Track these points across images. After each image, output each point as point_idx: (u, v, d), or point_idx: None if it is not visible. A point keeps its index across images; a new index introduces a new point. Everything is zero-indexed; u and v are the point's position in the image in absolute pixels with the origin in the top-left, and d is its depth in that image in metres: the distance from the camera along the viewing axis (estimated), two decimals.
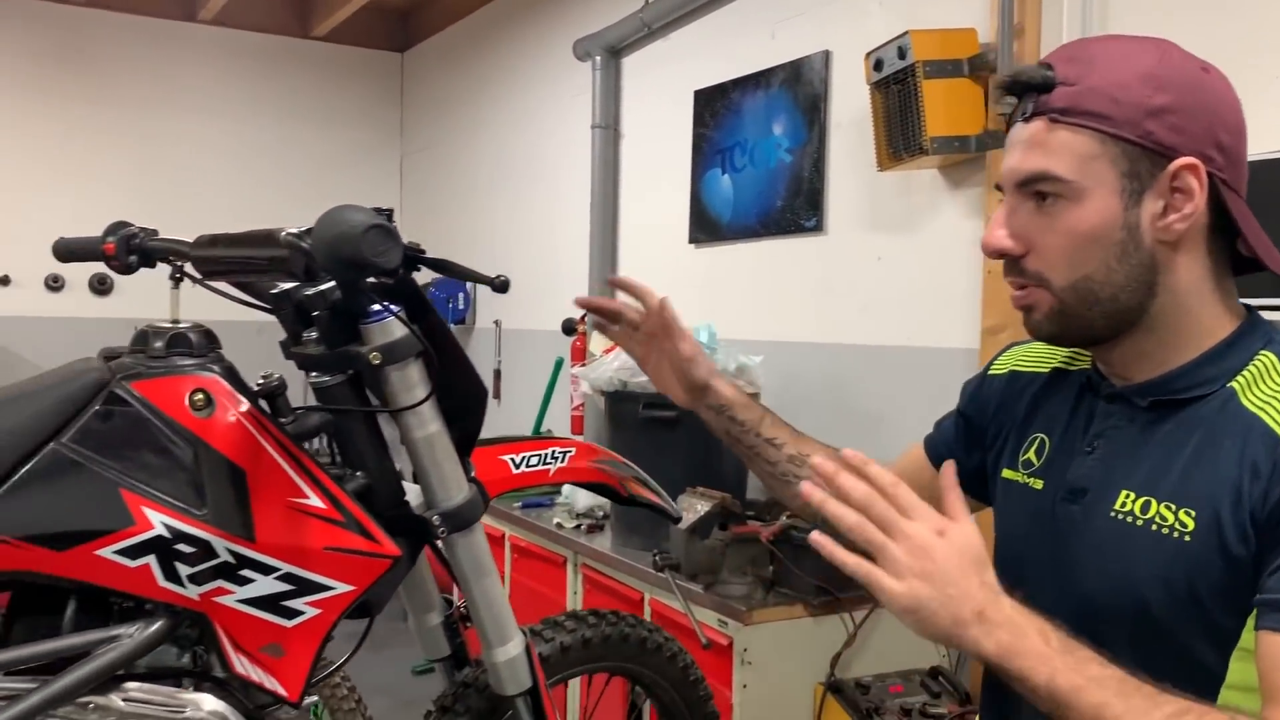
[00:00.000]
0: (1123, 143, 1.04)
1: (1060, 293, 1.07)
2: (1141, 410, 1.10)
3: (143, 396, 1.17)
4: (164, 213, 5.41)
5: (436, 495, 1.34)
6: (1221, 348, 1.08)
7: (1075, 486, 1.13)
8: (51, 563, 1.13)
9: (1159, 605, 1.03)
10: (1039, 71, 1.07)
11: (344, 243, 1.07)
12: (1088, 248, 1.05)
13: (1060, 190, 1.05)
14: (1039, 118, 1.06)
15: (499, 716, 1.47)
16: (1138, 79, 1.05)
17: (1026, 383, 1.28)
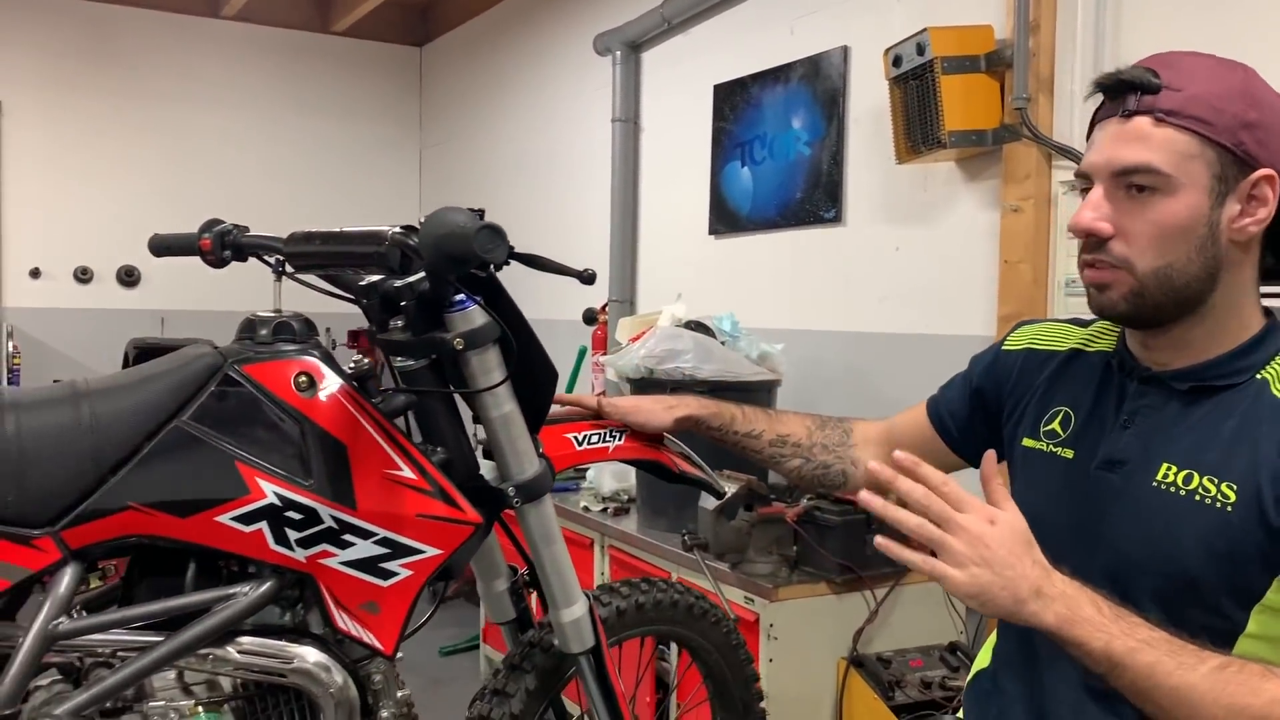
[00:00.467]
0: (1218, 148, 1.15)
1: (1142, 276, 1.17)
2: (1178, 393, 1.22)
3: (253, 378, 1.29)
4: (190, 206, 5.56)
5: (511, 469, 1.46)
6: (1253, 342, 1.20)
7: (1113, 458, 1.24)
8: (176, 528, 1.25)
9: (1198, 568, 1.14)
10: (1145, 74, 1.17)
11: (453, 240, 1.19)
12: (1175, 238, 1.16)
13: (1157, 183, 1.16)
14: (1143, 115, 1.16)
15: (563, 674, 1.60)
16: (1235, 94, 1.17)
17: (1044, 359, 1.40)
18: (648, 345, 3.17)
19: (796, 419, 1.64)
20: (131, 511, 1.24)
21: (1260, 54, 2.30)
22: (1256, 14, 2.35)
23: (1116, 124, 1.18)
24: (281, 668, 1.31)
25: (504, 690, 1.55)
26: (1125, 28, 2.63)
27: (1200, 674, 1.04)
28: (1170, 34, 2.51)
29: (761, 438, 1.60)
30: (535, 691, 1.56)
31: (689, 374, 3.06)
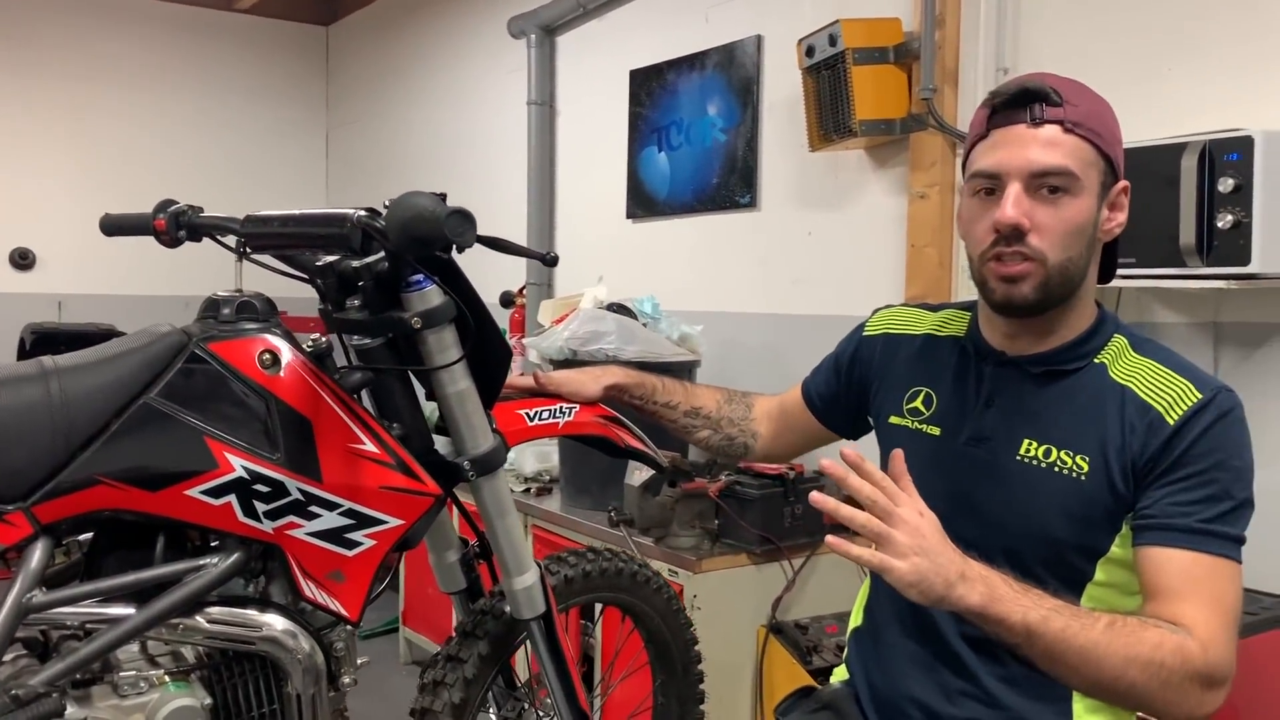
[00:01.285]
0: (1105, 158, 1.33)
1: (1050, 268, 1.31)
2: (1031, 375, 1.38)
3: (219, 356, 1.33)
4: (87, 186, 5.43)
5: (466, 444, 1.51)
6: (1090, 331, 1.39)
7: (979, 435, 1.40)
8: (146, 502, 1.28)
9: (1056, 529, 1.32)
10: (1048, 87, 1.31)
11: (421, 223, 1.24)
12: (1077, 235, 1.31)
13: (1069, 185, 1.30)
14: (1052, 124, 1.30)
15: (513, 639, 1.66)
16: (1109, 115, 1.36)
17: (901, 342, 1.57)
18: (571, 327, 3.24)
19: (708, 393, 1.78)
20: (102, 486, 1.26)
21: (1148, 49, 2.47)
22: (1145, 11, 2.51)
23: (1026, 130, 1.31)
24: (250, 635, 1.35)
25: (457, 656, 1.61)
26: (1025, 23, 2.77)
27: (1099, 631, 1.18)
28: (1068, 30, 2.67)
29: (677, 409, 1.74)
30: (488, 657, 1.62)
31: (612, 355, 3.14)
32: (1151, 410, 1.30)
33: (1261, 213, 2.01)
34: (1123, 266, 2.20)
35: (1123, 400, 1.32)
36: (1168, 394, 1.31)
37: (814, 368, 1.76)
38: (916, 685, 1.43)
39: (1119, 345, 1.38)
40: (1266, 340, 2.31)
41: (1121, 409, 1.31)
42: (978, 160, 1.35)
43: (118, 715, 1.31)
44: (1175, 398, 1.30)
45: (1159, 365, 1.35)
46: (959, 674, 1.39)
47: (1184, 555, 1.25)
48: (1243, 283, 2.11)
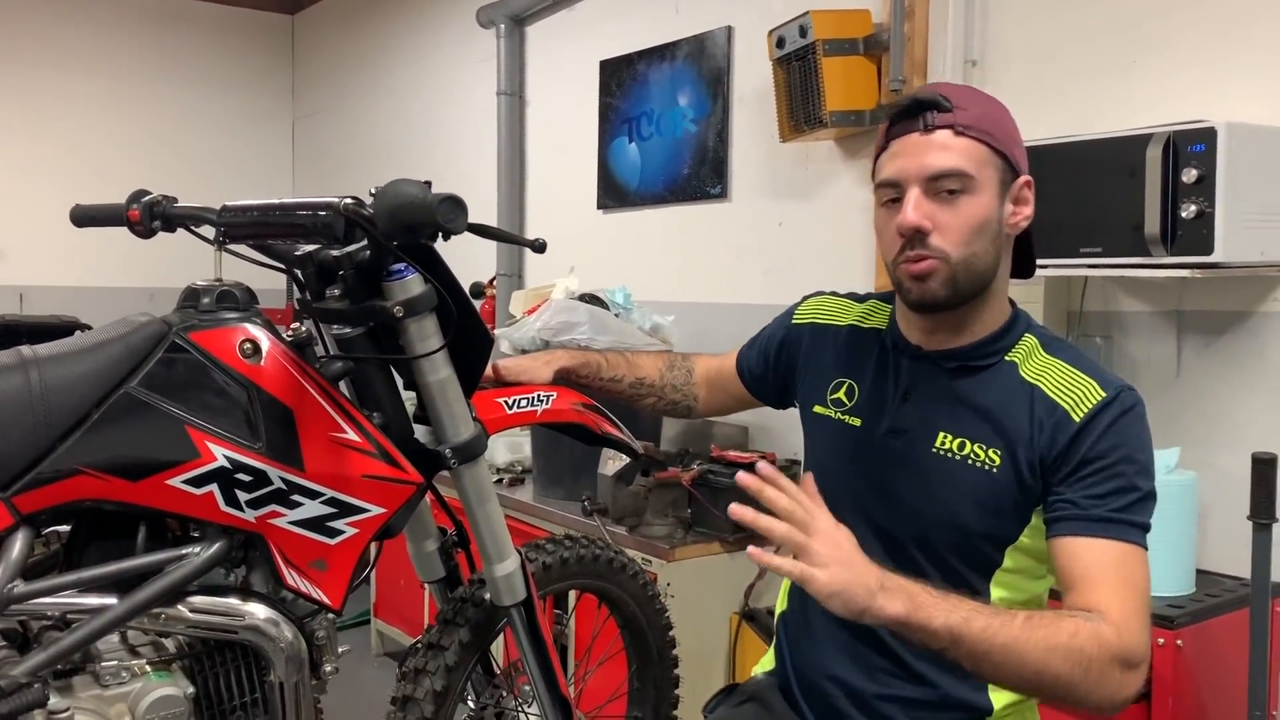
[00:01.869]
0: (1000, 156, 1.38)
1: (954, 265, 1.37)
2: (946, 370, 1.44)
3: (199, 345, 1.32)
4: (49, 176, 5.35)
5: (447, 432, 1.52)
6: (1003, 329, 1.44)
7: (897, 427, 1.45)
8: (128, 491, 1.28)
9: (968, 518, 1.38)
10: (938, 96, 1.37)
11: (411, 210, 1.24)
12: (979, 231, 1.37)
13: (965, 185, 1.35)
14: (943, 129, 1.36)
15: (493, 626, 1.67)
16: (1003, 116, 1.42)
17: (827, 332, 1.62)
18: (543, 317, 3.24)
19: (650, 362, 1.85)
20: (83, 476, 1.26)
21: (1114, 39, 2.51)
22: (1116, 2, 2.55)
23: (919, 137, 1.37)
24: (233, 624, 1.35)
25: (438, 643, 1.62)
26: (993, 15, 2.81)
27: (1018, 627, 1.20)
28: (1035, 22, 2.71)
29: (622, 381, 1.80)
30: (468, 644, 1.63)
31: (584, 345, 3.14)
32: (1059, 409, 1.35)
33: (1224, 203, 2.05)
34: (1088, 256, 2.26)
35: (1032, 398, 1.38)
36: (1074, 393, 1.36)
37: (750, 338, 1.81)
38: (839, 665, 1.48)
39: (1030, 344, 1.44)
40: (1228, 328, 2.36)
41: (1031, 406, 1.37)
42: (880, 171, 1.42)
43: (100, 705, 1.30)
44: (1081, 396, 1.36)
45: (1066, 365, 1.40)
46: (880, 653, 1.45)
47: (1095, 543, 1.29)
48: (1206, 272, 2.15)
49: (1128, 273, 2.27)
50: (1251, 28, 2.30)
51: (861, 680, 1.45)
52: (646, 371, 1.83)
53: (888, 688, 1.44)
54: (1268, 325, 2.30)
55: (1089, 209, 2.25)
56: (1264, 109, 2.26)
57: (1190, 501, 2.22)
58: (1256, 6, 2.29)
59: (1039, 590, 1.44)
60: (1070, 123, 2.55)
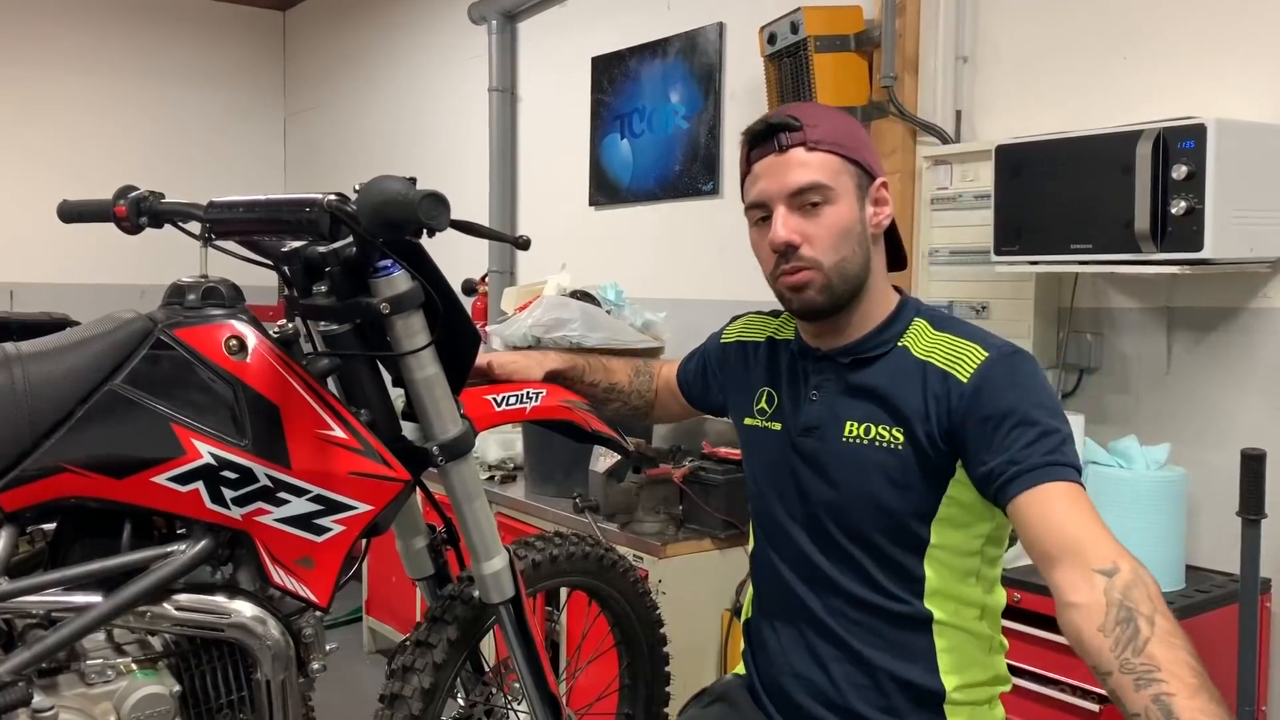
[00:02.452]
0: (854, 163, 1.47)
1: (828, 271, 1.45)
2: (844, 366, 1.52)
3: (184, 342, 1.32)
4: (39, 173, 5.33)
5: (434, 429, 1.52)
6: (890, 319, 1.52)
7: (809, 425, 1.53)
8: (112, 489, 1.27)
9: (888, 496, 1.45)
10: (786, 117, 1.47)
11: (395, 206, 1.24)
12: (845, 236, 1.45)
13: (825, 195, 1.44)
14: (796, 147, 1.45)
15: (482, 624, 1.67)
16: (852, 127, 1.52)
17: (750, 349, 1.70)
18: (535, 314, 3.24)
19: (621, 367, 1.93)
20: (67, 474, 1.25)
21: (1103, 37, 2.51)
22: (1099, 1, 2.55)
23: (776, 158, 1.47)
24: (219, 622, 1.35)
25: (427, 641, 1.61)
26: (984, 11, 2.81)
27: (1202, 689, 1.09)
28: (1026, 18, 2.71)
29: (598, 385, 1.88)
30: (456, 641, 1.62)
31: (576, 342, 3.14)
32: (948, 375, 1.42)
33: (1214, 199, 2.05)
34: (1079, 252, 2.26)
35: (924, 374, 1.45)
36: (959, 358, 1.43)
37: (689, 352, 1.90)
38: (797, 661, 1.54)
39: (919, 327, 1.51)
40: (1218, 325, 2.36)
41: (924, 382, 1.44)
42: (748, 194, 1.51)
43: (85, 704, 1.30)
44: (965, 359, 1.42)
45: (954, 337, 1.47)
46: (828, 641, 1.51)
47: (1049, 489, 1.29)
48: (1195, 268, 2.15)
49: (1118, 269, 2.27)
50: (1241, 24, 2.30)
51: (818, 674, 1.51)
52: (618, 377, 1.91)
53: (842, 677, 1.49)
54: (1257, 322, 2.30)
55: (1079, 205, 2.25)
56: (1254, 105, 2.27)
57: (1180, 497, 2.22)
58: (1245, 2, 2.30)
59: (971, 565, 1.49)
60: (1061, 119, 2.56)
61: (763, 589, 1.63)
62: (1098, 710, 2.05)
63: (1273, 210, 2.20)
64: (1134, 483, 2.20)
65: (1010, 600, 2.20)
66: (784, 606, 1.56)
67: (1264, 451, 1.93)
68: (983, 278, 2.65)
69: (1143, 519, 2.17)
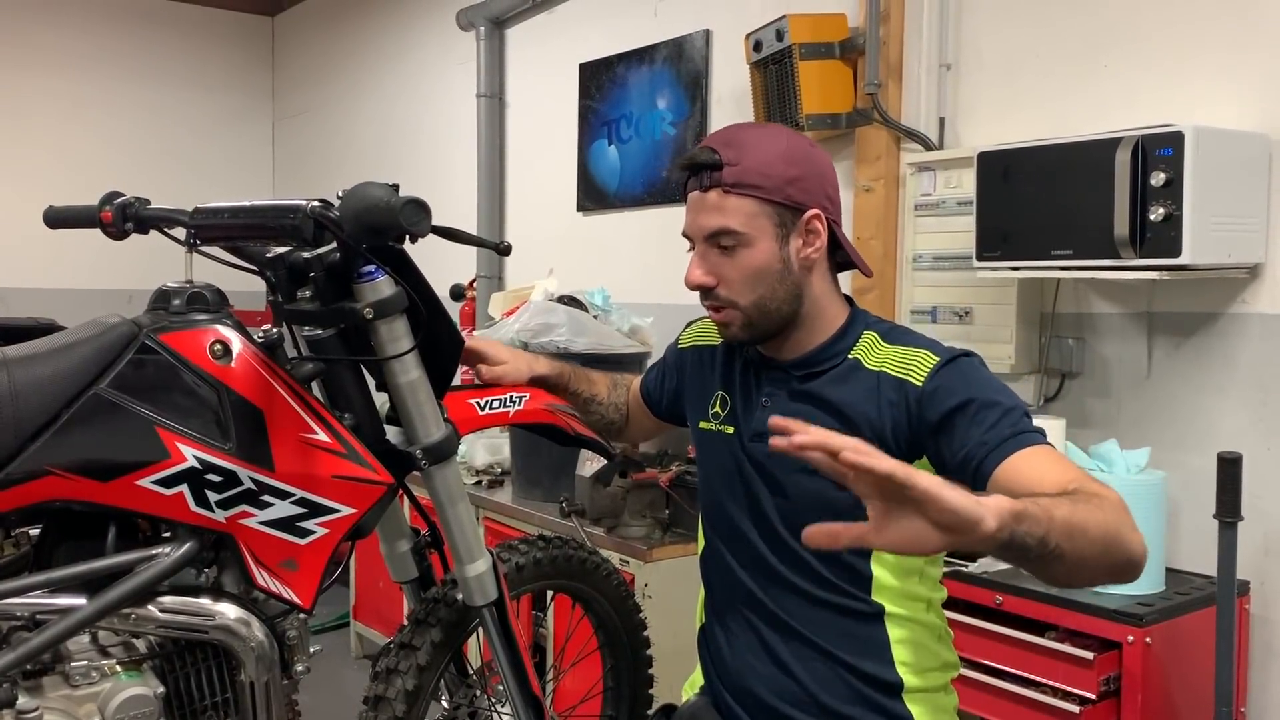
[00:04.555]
0: (773, 204, 1.46)
1: (746, 310, 1.49)
2: (796, 377, 1.54)
3: (169, 346, 1.33)
4: (27, 177, 5.33)
5: (418, 433, 1.53)
6: (841, 332, 1.55)
7: (760, 431, 1.54)
8: (97, 492, 1.28)
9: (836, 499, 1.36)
10: (710, 155, 1.47)
11: (376, 213, 1.25)
12: (760, 277, 1.47)
13: (737, 240, 1.46)
14: (715, 189, 1.46)
15: (465, 627, 1.68)
16: (778, 158, 1.48)
17: (705, 353, 1.72)
18: (522, 319, 3.25)
19: (602, 381, 1.94)
20: (52, 477, 1.26)
21: (1086, 47, 2.54)
22: (1082, 11, 2.58)
23: (698, 195, 1.49)
24: (203, 624, 1.36)
25: (410, 644, 1.62)
26: (967, 19, 2.83)
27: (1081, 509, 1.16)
28: (1009, 26, 2.73)
29: (580, 395, 1.89)
30: (440, 644, 1.63)
31: (563, 347, 3.16)
32: (904, 383, 1.45)
33: (1191, 205, 2.08)
34: (1059, 258, 2.29)
35: (878, 384, 1.48)
36: (912, 365, 1.46)
37: (649, 367, 1.92)
38: (758, 663, 1.56)
39: (870, 340, 1.53)
40: (1197, 329, 2.39)
41: (878, 391, 1.47)
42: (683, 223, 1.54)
43: (69, 705, 1.30)
44: (918, 365, 1.46)
45: (906, 347, 1.49)
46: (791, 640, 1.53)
47: (1025, 455, 1.32)
48: (1174, 273, 2.18)
49: (1098, 275, 2.30)
50: (1219, 33, 2.33)
51: (780, 672, 1.54)
52: (599, 390, 1.92)
53: (805, 672, 1.52)
54: (1235, 326, 2.33)
55: (1060, 211, 2.28)
56: (1231, 113, 2.29)
57: (1160, 500, 2.24)
58: (1223, 12, 2.32)
59: (917, 563, 1.53)
60: (1042, 126, 2.58)
61: (718, 591, 1.66)
62: (1078, 711, 2.07)
63: (1250, 216, 2.23)
64: (1114, 486, 2.21)
65: (993, 603, 2.23)
66: (741, 607, 1.59)
67: (1240, 455, 1.95)
68: (966, 283, 2.67)
69: None
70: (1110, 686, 2.08)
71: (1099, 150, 2.19)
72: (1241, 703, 2.25)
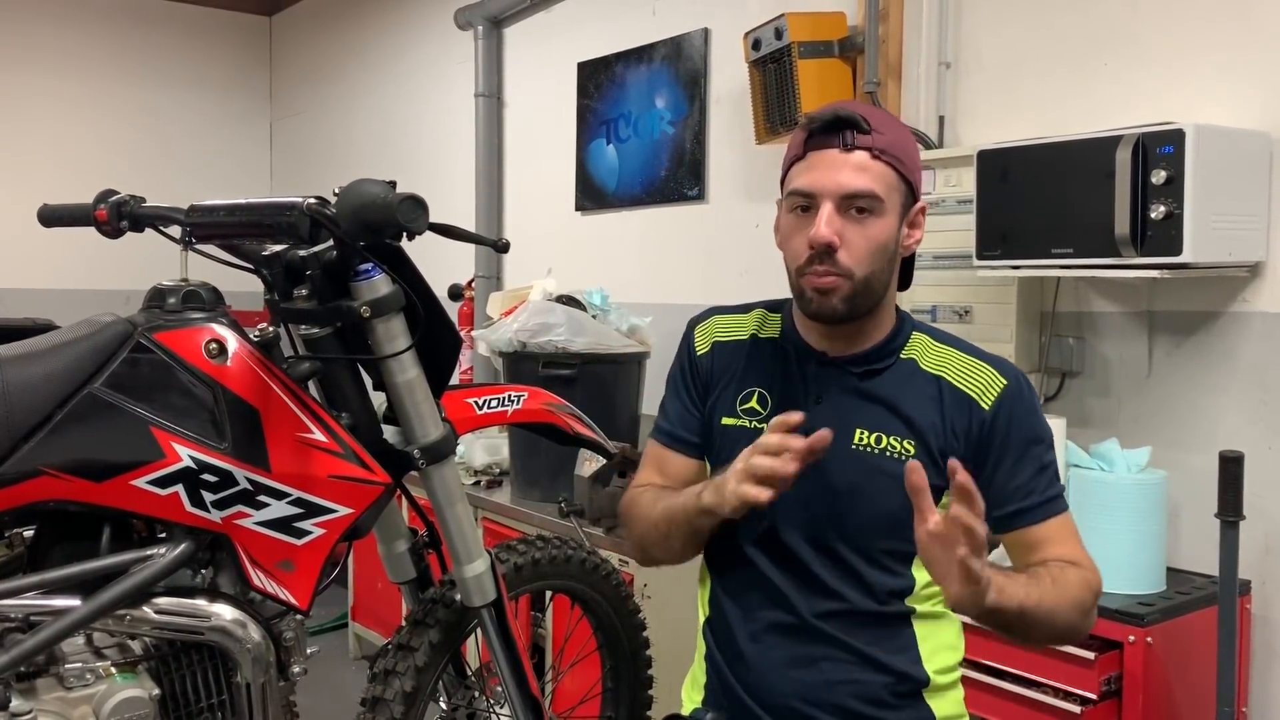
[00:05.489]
0: (906, 183, 1.45)
1: (857, 282, 1.43)
2: (852, 374, 1.50)
3: (164, 345, 1.32)
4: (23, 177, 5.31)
5: (415, 432, 1.52)
6: (894, 332, 1.52)
7: (814, 429, 1.41)
8: (91, 492, 1.27)
9: (897, 507, 1.37)
10: (859, 115, 1.43)
11: (373, 210, 1.25)
12: (881, 251, 1.43)
13: (874, 207, 1.42)
14: (862, 151, 1.41)
15: (464, 627, 1.67)
16: (911, 144, 1.49)
17: (732, 347, 1.61)
18: (520, 319, 3.24)
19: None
20: (46, 477, 1.25)
21: (1086, 45, 2.53)
22: (1083, 10, 2.57)
23: (839, 154, 1.42)
24: (198, 626, 1.35)
25: (408, 644, 1.61)
26: (967, 17, 2.82)
27: (1050, 590, 1.35)
28: (1008, 25, 2.72)
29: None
30: (438, 645, 1.63)
31: (561, 347, 3.15)
32: (971, 403, 1.46)
33: (1192, 204, 2.07)
34: (1060, 257, 2.28)
35: (939, 388, 1.47)
36: (977, 382, 1.47)
37: (655, 426, 1.67)
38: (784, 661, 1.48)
39: (922, 341, 1.53)
40: (1198, 328, 2.38)
41: (940, 401, 1.46)
42: (795, 179, 1.45)
43: (64, 707, 1.30)
44: (984, 384, 1.47)
45: (962, 354, 1.51)
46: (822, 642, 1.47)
47: (1047, 525, 1.46)
48: (1175, 272, 2.17)
49: (1098, 273, 2.29)
50: (1219, 31, 2.32)
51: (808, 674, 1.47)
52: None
53: (834, 673, 1.47)
54: (1236, 325, 2.32)
55: (1060, 210, 2.27)
56: (1232, 111, 2.28)
57: (1160, 500, 2.23)
58: (1223, 11, 2.31)
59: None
60: (1042, 124, 2.57)
61: (738, 592, 1.56)
62: (1079, 711, 2.06)
63: (1250, 215, 2.22)
64: (1115, 485, 2.21)
65: None
66: (768, 609, 1.51)
67: (1242, 454, 1.94)
68: (966, 282, 2.66)
69: (1123, 521, 2.19)
70: (1111, 686, 2.07)
71: (1099, 148, 2.18)
72: (1243, 703, 2.24)
